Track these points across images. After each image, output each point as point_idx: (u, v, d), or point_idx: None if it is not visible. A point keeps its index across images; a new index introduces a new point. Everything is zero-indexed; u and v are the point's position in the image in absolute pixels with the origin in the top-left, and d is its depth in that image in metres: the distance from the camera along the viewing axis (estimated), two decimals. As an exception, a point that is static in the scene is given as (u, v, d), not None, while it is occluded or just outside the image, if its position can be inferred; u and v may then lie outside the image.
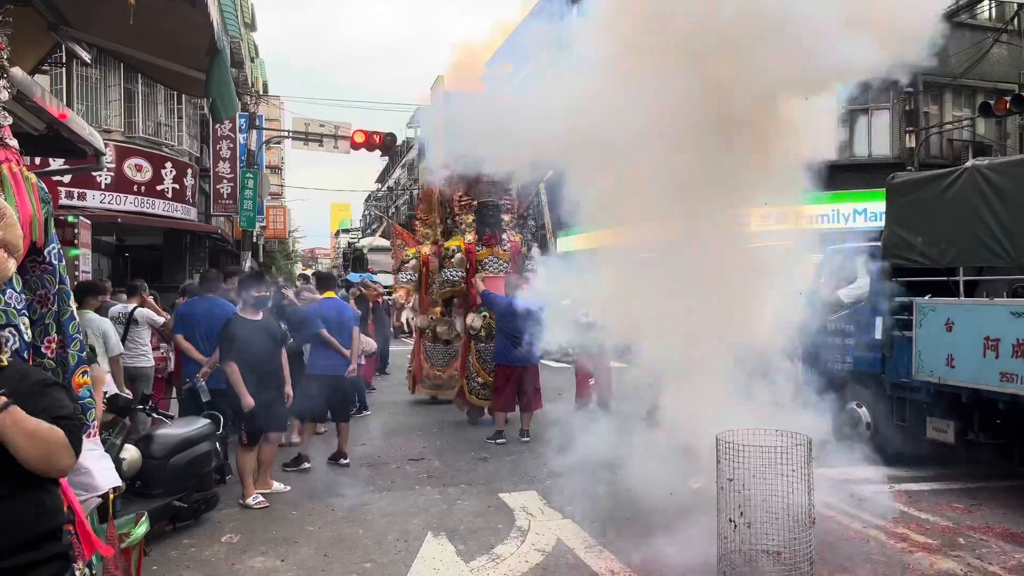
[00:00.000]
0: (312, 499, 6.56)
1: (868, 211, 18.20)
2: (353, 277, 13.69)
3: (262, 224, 31.31)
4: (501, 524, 5.87)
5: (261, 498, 6.34)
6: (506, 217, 10.41)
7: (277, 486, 6.73)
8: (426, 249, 11.54)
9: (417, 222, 12.66)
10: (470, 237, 10.27)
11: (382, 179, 77.40)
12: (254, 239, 27.53)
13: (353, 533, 5.71)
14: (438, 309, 11.16)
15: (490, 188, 10.37)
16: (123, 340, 7.20)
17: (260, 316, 6.54)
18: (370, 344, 11.80)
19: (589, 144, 6.40)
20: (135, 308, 7.77)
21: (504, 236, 10.27)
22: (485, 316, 9.86)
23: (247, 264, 23.05)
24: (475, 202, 10.47)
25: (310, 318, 7.89)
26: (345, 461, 7.69)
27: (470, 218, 10.43)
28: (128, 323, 7.59)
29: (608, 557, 5.17)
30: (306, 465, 7.58)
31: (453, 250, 10.15)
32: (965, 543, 5.37)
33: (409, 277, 11.30)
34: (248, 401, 6.14)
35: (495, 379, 9.23)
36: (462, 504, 6.41)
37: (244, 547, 5.43)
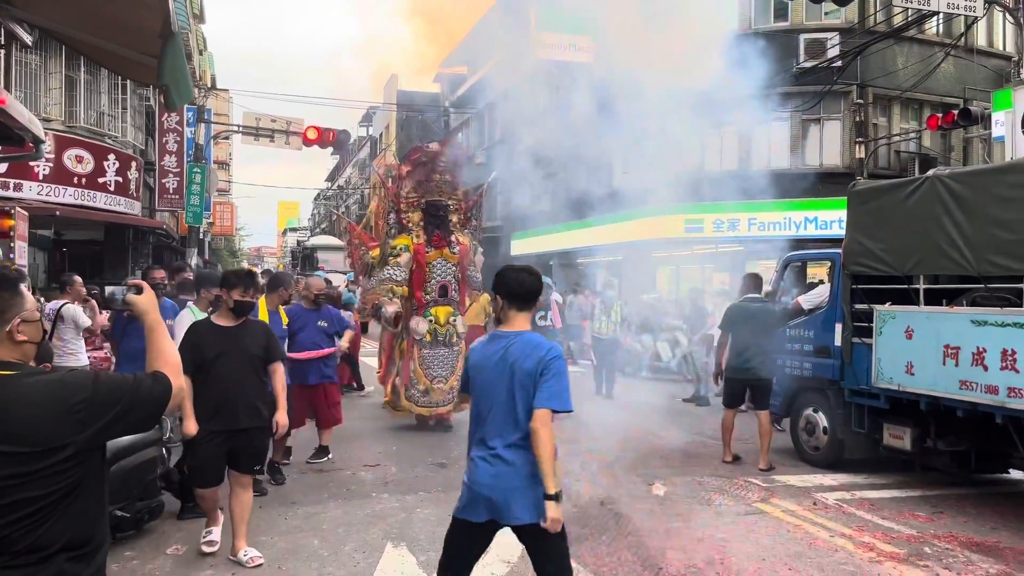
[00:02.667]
0: (264, 507, 6.26)
1: (819, 219, 18.49)
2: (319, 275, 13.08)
3: (209, 221, 30.56)
4: (463, 533, 5.67)
5: (255, 555, 5.07)
6: (454, 218, 9.96)
7: (245, 554, 5.04)
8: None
9: (380, 221, 12.37)
10: (418, 237, 9.70)
11: (332, 178, 76.49)
12: (200, 236, 26.81)
13: (308, 544, 5.46)
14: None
15: (439, 187, 9.93)
16: (49, 339, 6.85)
17: (238, 323, 5.11)
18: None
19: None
20: (62, 305, 7.40)
21: (453, 238, 9.82)
22: (431, 320, 9.45)
23: (193, 261, 22.43)
24: (423, 200, 9.92)
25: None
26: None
27: (417, 217, 9.84)
28: (55, 321, 7.21)
29: (576, 568, 4.98)
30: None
31: (400, 248, 9.57)
32: (931, 552, 5.36)
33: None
34: (189, 427, 4.83)
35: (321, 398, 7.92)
36: (422, 512, 6.20)
37: (191, 559, 5.13)
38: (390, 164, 12.29)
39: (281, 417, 5.29)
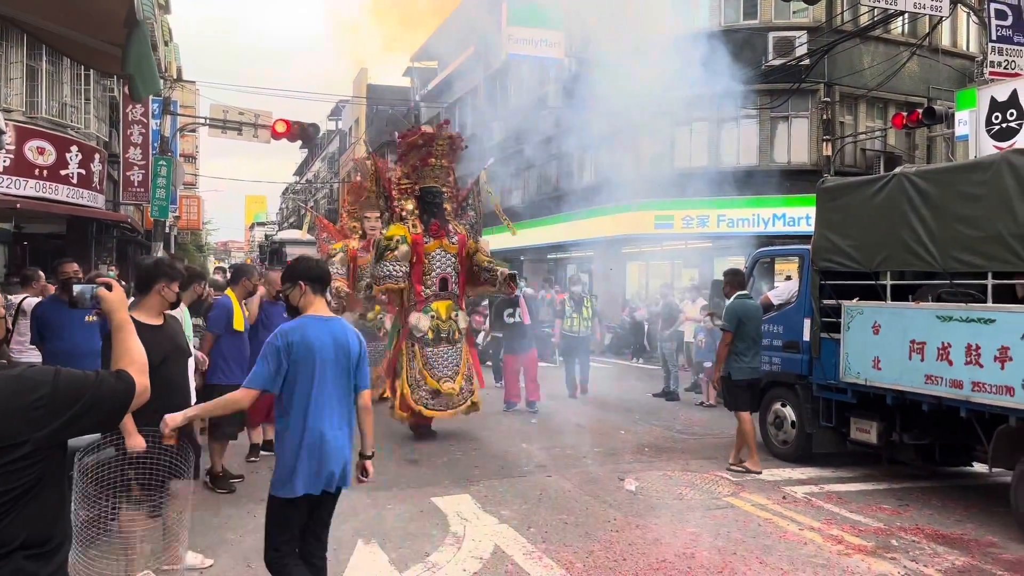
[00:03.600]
0: (231, 504, 6.19)
1: (787, 216, 18.70)
2: None
3: (175, 214, 30.12)
4: (435, 530, 5.64)
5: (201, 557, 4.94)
6: (447, 207, 9.18)
7: (193, 559, 4.95)
8: (354, 243, 11.13)
9: (345, 214, 12.26)
10: (415, 227, 8.81)
11: (301, 172, 75.87)
12: (166, 230, 26.40)
13: (278, 541, 5.38)
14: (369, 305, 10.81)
15: (434, 172, 9.09)
16: (10, 334, 6.70)
17: (161, 321, 4.47)
18: None
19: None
20: (24, 299, 7.22)
21: (450, 228, 9.02)
22: (433, 316, 8.67)
23: (158, 256, 22.10)
24: (417, 187, 9.05)
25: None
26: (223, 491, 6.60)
27: (410, 205, 8.98)
28: (16, 314, 7.03)
29: (548, 564, 5.01)
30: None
31: (398, 240, 8.57)
32: (898, 545, 5.43)
33: (336, 271, 10.85)
34: (137, 442, 3.93)
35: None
36: (393, 509, 6.15)
37: (158, 558, 5.04)
38: (358, 159, 12.17)
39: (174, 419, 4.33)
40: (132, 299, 4.51)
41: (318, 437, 3.63)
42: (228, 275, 9.98)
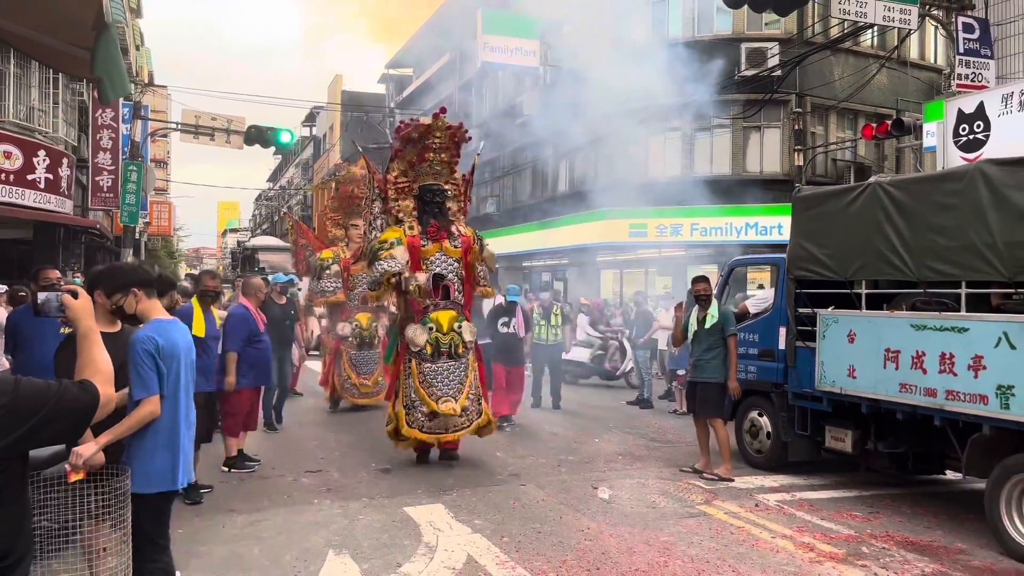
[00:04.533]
0: (201, 516, 6.07)
1: (759, 225, 18.85)
2: (279, 278, 12.36)
3: (145, 220, 29.72)
4: (407, 540, 5.57)
5: None
6: (453, 206, 8.39)
7: None
8: (343, 251, 11.05)
9: (328, 222, 12.14)
10: (412, 229, 8.10)
11: (274, 178, 75.38)
12: (136, 236, 26.05)
13: (248, 552, 5.29)
14: (360, 316, 10.73)
15: (433, 168, 8.33)
16: None
17: (118, 328, 4.00)
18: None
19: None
20: None
21: (454, 229, 8.26)
22: (431, 328, 7.88)
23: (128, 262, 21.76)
24: (415, 185, 8.29)
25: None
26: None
27: (409, 204, 8.23)
28: None
29: (521, 574, 4.96)
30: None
31: (392, 242, 7.90)
32: (869, 552, 5.46)
33: (335, 285, 10.71)
34: (99, 459, 3.54)
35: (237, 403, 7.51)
36: (365, 519, 6.07)
37: (126, 571, 4.92)
38: (339, 163, 12.11)
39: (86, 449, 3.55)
40: None
41: (184, 433, 3.80)
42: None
